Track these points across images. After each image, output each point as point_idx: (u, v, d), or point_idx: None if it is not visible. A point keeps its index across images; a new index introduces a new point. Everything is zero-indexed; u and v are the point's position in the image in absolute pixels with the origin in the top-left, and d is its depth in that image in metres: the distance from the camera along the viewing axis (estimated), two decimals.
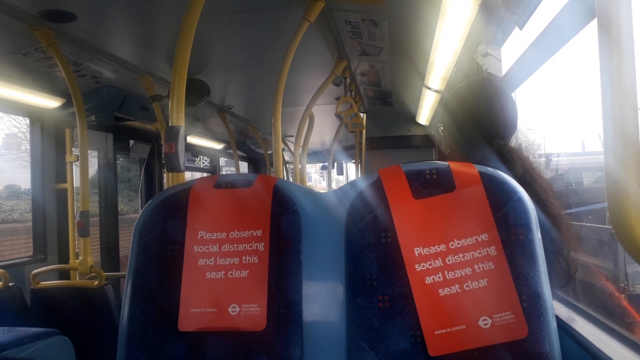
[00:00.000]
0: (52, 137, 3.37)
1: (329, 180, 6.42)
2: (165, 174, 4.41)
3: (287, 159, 7.08)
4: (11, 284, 2.73)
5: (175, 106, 1.48)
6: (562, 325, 0.99)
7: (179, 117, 1.48)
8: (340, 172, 8.82)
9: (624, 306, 5.10)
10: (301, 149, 3.73)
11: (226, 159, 7.78)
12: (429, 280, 0.90)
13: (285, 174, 6.94)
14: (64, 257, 3.30)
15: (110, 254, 4.20)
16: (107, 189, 4.29)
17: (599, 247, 5.53)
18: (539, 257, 0.90)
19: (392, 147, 5.58)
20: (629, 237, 0.69)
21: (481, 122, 1.36)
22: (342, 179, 10.16)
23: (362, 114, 4.41)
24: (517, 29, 1.93)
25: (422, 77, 3.48)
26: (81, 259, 2.91)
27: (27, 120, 3.50)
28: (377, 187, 0.98)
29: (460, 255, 0.91)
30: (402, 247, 0.93)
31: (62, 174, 3.35)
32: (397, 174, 0.98)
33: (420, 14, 2.40)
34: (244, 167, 7.47)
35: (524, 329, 0.86)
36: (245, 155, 7.19)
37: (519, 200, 0.93)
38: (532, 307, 0.87)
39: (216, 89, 3.60)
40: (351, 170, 8.89)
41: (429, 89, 3.60)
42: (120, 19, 2.41)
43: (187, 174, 1.64)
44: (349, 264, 0.96)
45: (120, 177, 5.92)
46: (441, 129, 1.50)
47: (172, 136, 1.46)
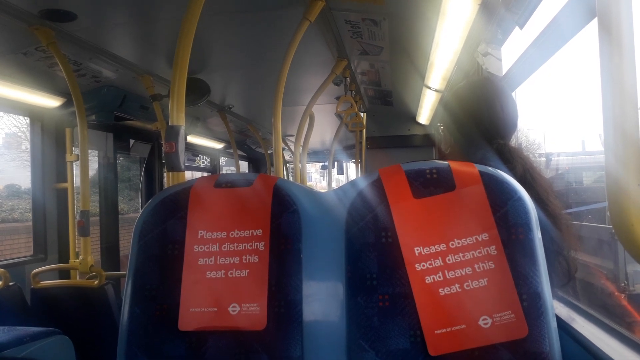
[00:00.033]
0: (52, 136, 3.36)
1: (329, 179, 6.42)
2: (165, 174, 4.41)
3: (287, 158, 7.08)
4: (11, 284, 2.73)
5: (175, 106, 1.48)
6: (562, 324, 0.99)
7: (179, 116, 1.48)
8: (340, 171, 8.82)
9: (624, 306, 5.10)
10: (301, 148, 3.72)
11: (226, 159, 7.78)
12: (429, 279, 0.90)
13: (285, 173, 6.94)
14: (64, 256, 3.30)
15: (110, 253, 4.20)
16: (108, 189, 4.29)
17: (599, 247, 5.53)
18: (539, 257, 0.90)
19: (392, 147, 5.57)
20: (630, 237, 0.70)
21: (481, 122, 1.36)
22: (342, 179, 10.16)
23: (362, 114, 4.41)
24: (517, 28, 1.93)
25: (422, 76, 3.48)
26: (81, 258, 2.91)
27: (28, 119, 3.49)
28: (377, 186, 0.98)
29: (460, 254, 0.91)
30: (402, 246, 0.93)
31: (62, 174, 3.35)
32: (397, 174, 0.98)
33: (420, 14, 2.40)
34: (244, 166, 7.47)
35: (524, 329, 0.86)
36: (245, 154, 7.19)
37: (519, 199, 0.93)
38: (532, 307, 0.87)
39: (216, 89, 3.60)
40: (351, 169, 8.89)
41: (429, 88, 3.60)
42: (120, 18, 2.41)
43: (188, 174, 1.64)
44: (349, 263, 0.96)
45: (120, 176, 5.91)
46: (441, 128, 1.50)
47: (173, 135, 1.46)
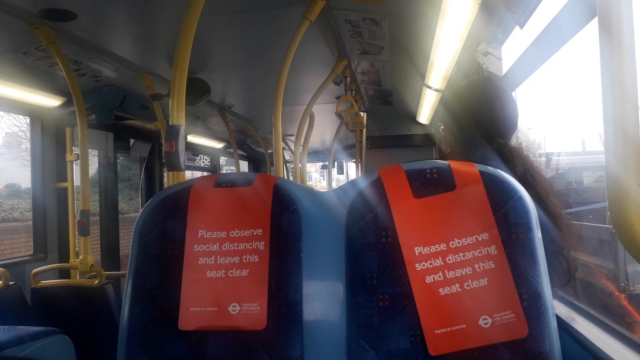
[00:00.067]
0: (52, 136, 3.36)
1: (329, 179, 6.42)
2: (165, 173, 4.41)
3: (287, 158, 7.08)
4: (11, 283, 2.73)
5: (175, 105, 1.48)
6: (563, 324, 0.99)
7: (179, 116, 1.48)
8: (340, 171, 8.82)
9: (624, 305, 5.10)
10: (301, 148, 3.72)
11: (226, 158, 7.78)
12: (429, 279, 0.90)
13: (285, 173, 6.94)
14: (64, 256, 3.30)
15: (110, 253, 4.21)
16: (108, 188, 4.30)
17: (599, 247, 5.53)
18: (540, 257, 0.90)
19: (392, 146, 5.57)
20: (630, 236, 0.69)
21: (482, 121, 1.36)
22: (342, 178, 10.16)
23: (362, 113, 4.41)
24: (517, 28, 1.93)
25: (422, 76, 3.48)
26: (81, 257, 2.91)
27: (28, 119, 3.49)
28: (378, 186, 0.98)
29: (460, 254, 0.91)
30: (403, 246, 0.93)
31: (62, 173, 3.35)
32: (398, 173, 0.98)
33: (420, 13, 2.39)
34: (244, 166, 7.47)
35: (524, 328, 0.86)
36: (245, 154, 7.19)
37: (520, 199, 0.93)
38: (532, 307, 0.87)
39: (216, 88, 3.60)
40: (351, 169, 8.89)
41: (430, 88, 3.60)
42: (120, 17, 2.41)
43: (188, 173, 1.64)
44: (349, 263, 0.96)
45: (120, 176, 5.91)
46: (441, 128, 1.50)
47: (173, 135, 1.46)
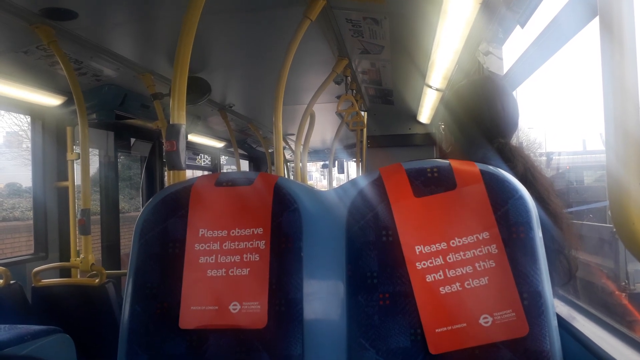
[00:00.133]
0: (53, 135, 3.37)
1: (329, 178, 6.43)
2: (166, 172, 4.42)
3: (288, 157, 7.08)
4: (12, 282, 2.73)
5: (176, 104, 1.48)
6: (563, 323, 0.99)
7: (180, 115, 1.48)
8: (341, 170, 8.83)
9: (625, 305, 5.10)
10: (302, 147, 3.72)
11: (227, 158, 7.78)
12: (429, 278, 0.90)
13: (286, 172, 6.94)
14: (65, 255, 3.31)
15: (111, 252, 4.21)
16: (108, 187, 4.30)
17: (599, 246, 5.52)
18: (540, 256, 0.90)
19: (393, 146, 5.57)
20: (631, 236, 0.69)
21: (482, 121, 1.36)
22: (342, 178, 10.16)
23: (363, 113, 4.41)
24: (518, 27, 1.93)
25: (423, 75, 3.48)
26: (82, 256, 2.91)
27: (29, 118, 3.50)
28: (378, 185, 0.98)
29: (461, 253, 0.91)
30: (403, 245, 0.93)
31: (63, 172, 3.36)
32: (398, 172, 0.98)
33: (421, 12, 2.39)
34: (244, 165, 7.48)
35: (524, 327, 0.86)
36: (246, 153, 7.20)
37: (520, 198, 0.93)
38: (532, 306, 0.87)
39: (217, 88, 3.60)
40: (352, 168, 8.90)
41: (430, 87, 3.60)
42: (121, 17, 2.41)
43: (188, 172, 1.64)
44: (350, 262, 0.96)
45: (121, 175, 5.93)
46: (442, 127, 1.50)
47: (173, 134, 1.46)
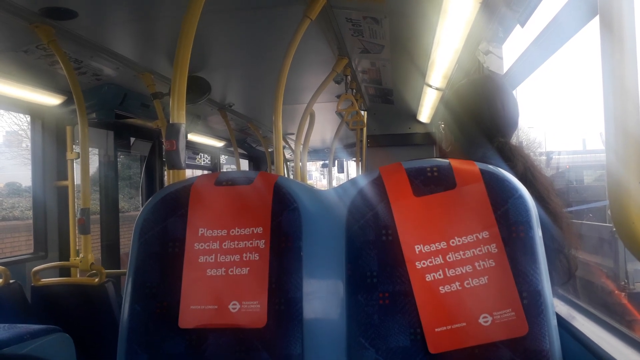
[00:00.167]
0: (53, 134, 3.36)
1: (329, 178, 6.43)
2: (166, 172, 4.41)
3: (287, 156, 7.08)
4: (12, 281, 2.73)
5: (176, 104, 1.48)
6: (563, 322, 0.99)
7: (179, 114, 1.48)
8: (340, 170, 8.82)
9: (624, 304, 5.11)
10: (302, 146, 3.72)
11: (227, 157, 7.78)
12: (429, 277, 0.90)
13: (285, 171, 6.94)
14: (64, 254, 3.30)
15: (110, 251, 4.21)
16: (108, 187, 4.30)
17: (599, 245, 5.53)
18: (540, 255, 0.90)
19: (393, 145, 5.57)
20: (630, 235, 0.69)
21: (482, 120, 1.36)
22: (342, 177, 10.16)
23: (363, 112, 4.41)
24: (518, 26, 1.92)
25: (423, 74, 3.48)
26: (82, 256, 2.91)
27: (28, 117, 3.50)
28: (378, 184, 0.98)
29: (460, 252, 0.91)
30: (403, 244, 0.93)
31: (63, 172, 3.35)
32: (398, 172, 0.98)
33: (421, 12, 2.39)
34: (244, 164, 7.48)
35: (524, 327, 0.86)
36: (246, 153, 7.20)
37: (520, 197, 0.93)
38: (532, 305, 0.87)
39: (217, 87, 3.60)
40: (352, 168, 8.89)
41: (430, 86, 3.60)
42: (121, 16, 2.41)
43: (188, 172, 1.64)
44: (350, 261, 0.96)
45: (121, 174, 5.92)
46: (442, 126, 1.50)
47: (173, 133, 1.46)
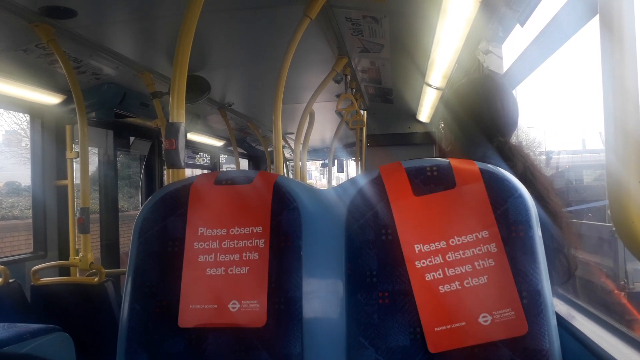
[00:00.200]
0: (52, 133, 3.36)
1: (329, 177, 6.42)
2: (165, 171, 4.41)
3: (287, 156, 7.08)
4: (11, 281, 2.73)
5: (175, 103, 1.48)
6: (562, 322, 0.99)
7: (179, 113, 1.48)
8: (340, 169, 8.83)
9: (624, 304, 5.11)
10: (301, 146, 3.72)
11: (226, 156, 7.78)
12: (429, 277, 0.90)
13: (285, 171, 6.94)
14: (64, 253, 3.30)
15: (110, 250, 4.21)
16: (108, 186, 4.29)
17: (599, 245, 5.54)
18: (539, 254, 0.90)
19: (392, 145, 5.57)
20: (630, 234, 0.70)
21: (482, 119, 1.36)
22: (342, 177, 10.16)
23: (362, 111, 4.41)
24: (518, 26, 1.92)
25: (422, 74, 3.47)
26: (81, 255, 2.90)
27: (28, 116, 3.49)
28: (378, 183, 0.98)
29: (460, 252, 0.91)
30: (403, 244, 0.93)
31: (62, 171, 3.35)
32: (398, 171, 0.98)
33: (421, 11, 2.39)
34: (244, 164, 7.47)
35: (523, 326, 0.86)
36: (245, 152, 7.19)
37: (520, 197, 0.93)
38: (532, 304, 0.87)
39: (217, 86, 3.60)
40: (351, 167, 8.89)
41: (430, 86, 3.59)
42: (120, 15, 2.41)
43: (188, 171, 1.64)
44: (349, 260, 0.96)
45: (120, 173, 5.92)
46: (442, 126, 1.50)
47: (173, 133, 1.46)
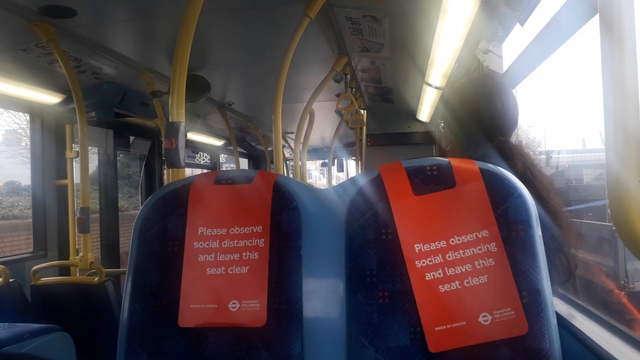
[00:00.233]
0: (52, 133, 3.36)
1: (329, 177, 6.42)
2: (165, 170, 4.41)
3: (287, 155, 7.08)
4: (11, 280, 2.73)
5: (175, 102, 1.48)
6: (562, 321, 0.99)
7: (179, 113, 1.47)
8: (340, 169, 8.83)
9: (624, 303, 5.11)
10: (301, 145, 3.72)
11: (226, 156, 7.78)
12: (429, 276, 0.90)
13: (285, 170, 6.93)
14: (64, 253, 3.30)
15: (110, 250, 4.21)
16: (108, 185, 4.29)
17: (599, 244, 5.54)
18: (539, 254, 0.90)
19: (392, 144, 5.57)
20: (630, 234, 0.69)
21: (482, 119, 1.36)
22: (342, 176, 10.15)
23: (362, 111, 4.41)
24: (518, 25, 1.92)
25: (422, 73, 3.47)
26: (81, 255, 2.90)
27: (27, 116, 3.49)
28: (378, 183, 0.98)
29: (460, 251, 0.91)
30: (403, 243, 0.93)
31: (62, 170, 3.35)
32: (398, 170, 0.98)
33: (421, 11, 2.39)
34: (244, 163, 7.47)
35: (524, 326, 0.86)
36: (245, 151, 7.19)
37: (520, 196, 0.93)
38: (532, 304, 0.87)
39: (216, 86, 3.59)
40: (351, 167, 8.89)
41: (430, 85, 3.59)
42: (120, 14, 2.41)
43: (187, 171, 1.64)
44: (349, 260, 0.96)
45: (120, 173, 5.91)
46: (442, 125, 1.50)
47: (173, 132, 1.46)
